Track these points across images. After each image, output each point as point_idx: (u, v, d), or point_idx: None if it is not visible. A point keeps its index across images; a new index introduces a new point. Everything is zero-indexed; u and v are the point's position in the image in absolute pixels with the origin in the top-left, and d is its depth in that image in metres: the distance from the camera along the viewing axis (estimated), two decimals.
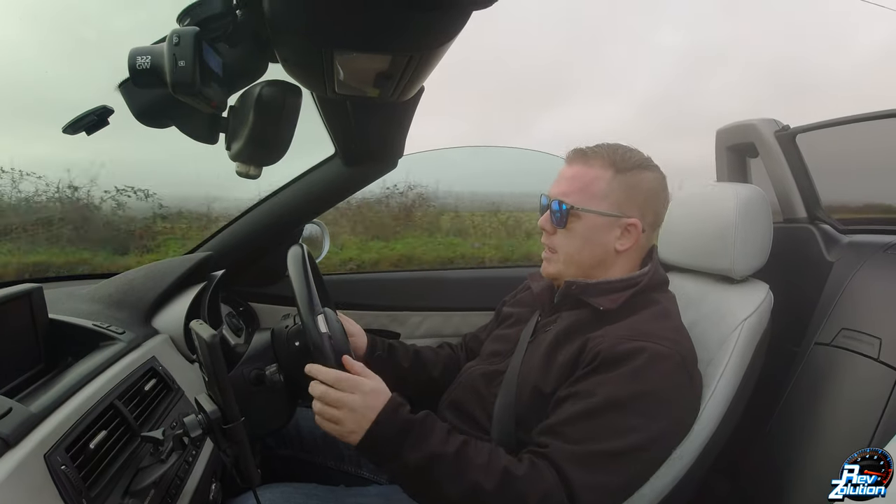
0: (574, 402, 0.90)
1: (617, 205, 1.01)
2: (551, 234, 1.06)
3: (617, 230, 1.02)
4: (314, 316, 0.89)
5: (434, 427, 0.88)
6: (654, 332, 0.93)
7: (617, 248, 1.03)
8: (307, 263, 0.93)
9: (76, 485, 0.69)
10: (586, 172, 1.02)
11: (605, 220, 1.02)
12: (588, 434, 0.87)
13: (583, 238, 1.02)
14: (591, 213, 1.01)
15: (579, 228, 1.02)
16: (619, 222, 1.02)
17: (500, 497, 0.83)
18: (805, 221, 1.38)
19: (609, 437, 0.86)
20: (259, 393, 0.92)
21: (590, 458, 0.85)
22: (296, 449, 1.27)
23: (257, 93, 0.73)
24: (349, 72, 0.77)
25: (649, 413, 0.88)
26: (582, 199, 1.01)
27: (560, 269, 1.06)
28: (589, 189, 1.01)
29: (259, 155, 0.80)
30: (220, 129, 0.78)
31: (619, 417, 0.87)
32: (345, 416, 0.85)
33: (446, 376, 1.21)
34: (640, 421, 0.87)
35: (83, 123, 0.73)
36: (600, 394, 0.88)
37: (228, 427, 0.74)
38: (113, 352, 0.99)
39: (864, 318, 1.06)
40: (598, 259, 1.04)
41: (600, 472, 0.85)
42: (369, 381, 0.88)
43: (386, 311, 1.77)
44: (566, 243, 1.04)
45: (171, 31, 0.60)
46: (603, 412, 0.87)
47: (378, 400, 0.86)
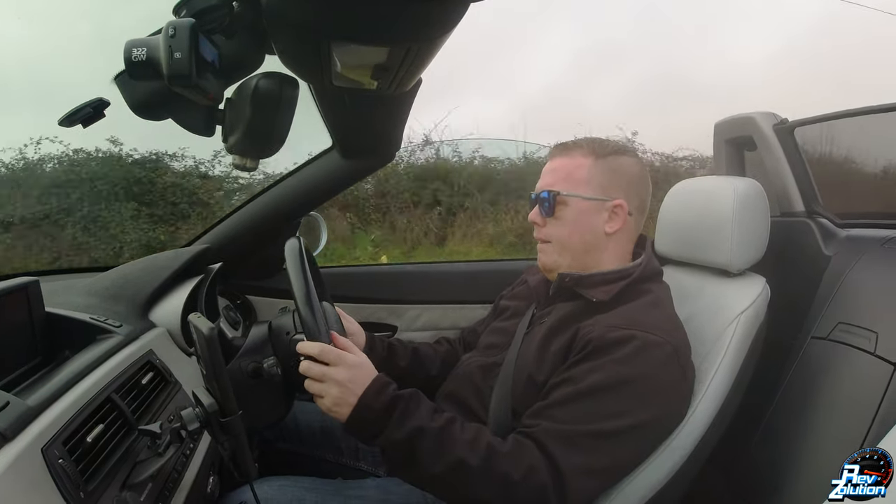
0: (564, 387, 0.92)
1: (601, 188, 1.05)
2: (542, 227, 1.08)
3: (604, 213, 1.05)
4: (312, 309, 0.89)
5: (420, 404, 0.90)
6: (645, 321, 0.95)
7: (606, 230, 1.05)
8: (304, 256, 0.93)
9: (73, 478, 0.69)
10: (568, 162, 1.07)
11: (592, 204, 1.05)
12: (575, 415, 0.88)
13: (572, 223, 1.06)
14: (576, 197, 1.05)
15: (568, 215, 1.05)
16: (606, 205, 1.05)
17: (485, 473, 0.85)
18: (802, 215, 1.39)
19: (596, 419, 0.88)
20: (257, 386, 0.92)
21: (575, 437, 0.87)
22: (293, 442, 1.27)
23: (254, 85, 0.73)
24: (346, 64, 0.76)
25: (638, 399, 0.89)
26: (566, 186, 1.05)
27: (555, 258, 1.08)
28: (572, 176, 1.06)
29: (256, 147, 0.79)
30: (216, 122, 0.77)
31: (606, 401, 0.88)
32: (329, 390, 0.86)
33: (445, 373, 1.21)
34: (629, 406, 0.89)
35: (79, 116, 0.73)
36: (589, 378, 0.90)
37: (226, 420, 0.74)
38: (110, 345, 0.99)
39: (860, 313, 1.06)
40: (589, 244, 1.06)
41: (585, 451, 0.86)
42: (353, 355, 0.89)
43: (384, 303, 1.77)
44: (556, 231, 1.07)
45: (167, 22, 0.60)
46: (591, 395, 0.89)
47: (363, 376, 0.88)
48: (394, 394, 0.88)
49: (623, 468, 0.93)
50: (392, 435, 0.86)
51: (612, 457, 0.89)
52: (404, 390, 0.90)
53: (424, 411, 0.89)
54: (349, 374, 0.87)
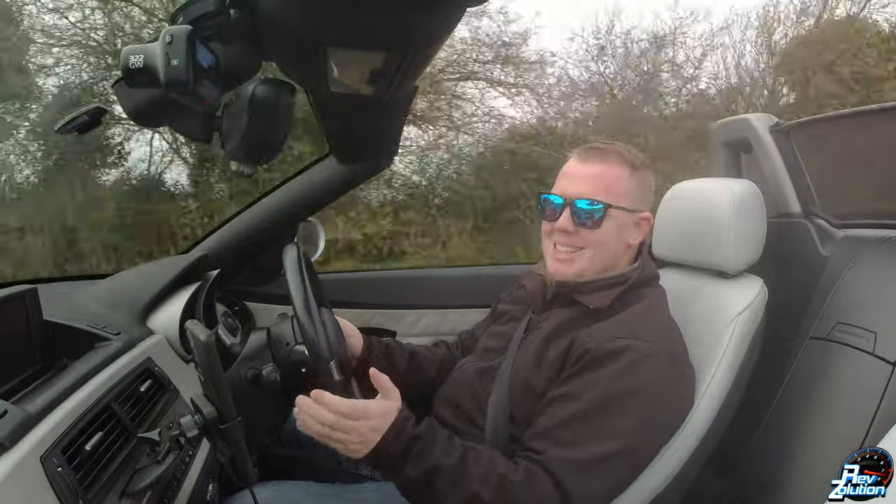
0: (564, 404, 0.92)
1: (635, 201, 1.04)
2: (572, 234, 1.03)
3: (632, 225, 1.05)
4: (311, 315, 0.89)
5: (436, 439, 0.89)
6: (641, 329, 0.95)
7: (630, 242, 1.06)
8: (302, 262, 0.93)
9: (73, 487, 0.69)
10: (607, 171, 1.03)
11: (629, 217, 1.04)
12: (580, 437, 0.89)
13: (613, 235, 1.03)
14: (621, 210, 1.02)
15: (611, 226, 1.02)
16: (635, 217, 1.05)
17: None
18: (799, 216, 1.39)
19: (600, 439, 0.88)
20: (255, 393, 0.92)
21: (583, 462, 0.88)
22: (292, 447, 1.26)
23: (251, 91, 0.73)
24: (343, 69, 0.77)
25: (639, 411, 0.90)
26: (611, 198, 1.02)
27: (584, 266, 1.04)
28: (615, 188, 1.02)
29: (254, 153, 0.79)
30: (214, 128, 0.77)
31: (608, 418, 0.89)
32: (351, 439, 0.86)
33: (442, 376, 1.21)
34: (630, 420, 0.90)
35: (75, 123, 0.73)
36: (588, 395, 0.90)
37: (225, 427, 0.74)
38: (108, 353, 0.99)
39: (859, 312, 1.06)
40: (617, 254, 1.06)
41: (594, 475, 0.88)
42: (377, 405, 0.88)
43: (382, 309, 1.77)
44: (595, 241, 1.02)
45: (164, 29, 0.60)
46: (593, 414, 0.89)
47: (385, 421, 0.87)
48: (411, 434, 0.88)
49: (628, 482, 0.94)
50: (409, 474, 0.86)
51: (619, 475, 0.91)
52: (420, 428, 0.90)
53: (440, 448, 0.88)
54: (372, 423, 0.86)
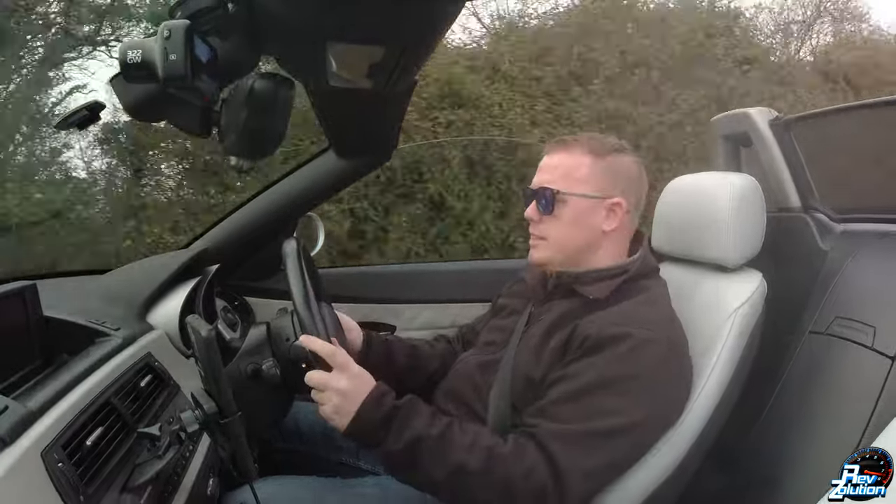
0: (562, 385, 0.93)
1: (600, 188, 1.04)
2: (539, 223, 1.07)
3: (602, 211, 1.05)
4: (310, 310, 0.89)
5: (418, 410, 0.91)
6: (642, 317, 0.96)
7: (604, 228, 1.05)
8: (302, 257, 0.93)
9: (73, 482, 0.69)
10: (568, 159, 1.06)
11: (590, 203, 1.04)
12: (574, 414, 0.89)
13: (571, 222, 1.04)
14: (575, 196, 1.04)
15: (567, 213, 1.04)
16: (604, 203, 1.04)
17: (485, 476, 0.86)
18: (799, 210, 1.39)
19: (594, 417, 0.89)
20: (256, 387, 0.92)
21: (574, 437, 0.88)
22: (293, 441, 1.27)
23: (249, 86, 0.73)
24: (342, 64, 0.77)
25: (636, 396, 0.91)
26: (566, 185, 1.04)
27: (549, 254, 1.07)
28: (572, 175, 1.04)
29: (252, 148, 0.79)
30: (212, 123, 0.77)
31: (604, 398, 0.89)
32: (330, 398, 0.87)
33: (443, 370, 1.21)
34: (626, 403, 0.90)
35: (74, 119, 0.73)
36: (587, 375, 0.91)
37: (225, 422, 0.74)
38: (108, 348, 0.99)
39: (858, 307, 1.06)
40: (586, 242, 1.06)
41: (584, 450, 0.87)
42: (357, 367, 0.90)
43: (381, 303, 1.77)
44: (554, 229, 1.06)
45: (162, 24, 0.60)
46: (589, 393, 0.90)
47: (362, 385, 0.89)
48: (392, 404, 0.89)
49: (622, 466, 0.94)
50: (391, 446, 0.87)
51: (611, 455, 0.90)
52: (402, 399, 0.91)
53: (422, 419, 0.89)
54: (350, 383, 0.87)
